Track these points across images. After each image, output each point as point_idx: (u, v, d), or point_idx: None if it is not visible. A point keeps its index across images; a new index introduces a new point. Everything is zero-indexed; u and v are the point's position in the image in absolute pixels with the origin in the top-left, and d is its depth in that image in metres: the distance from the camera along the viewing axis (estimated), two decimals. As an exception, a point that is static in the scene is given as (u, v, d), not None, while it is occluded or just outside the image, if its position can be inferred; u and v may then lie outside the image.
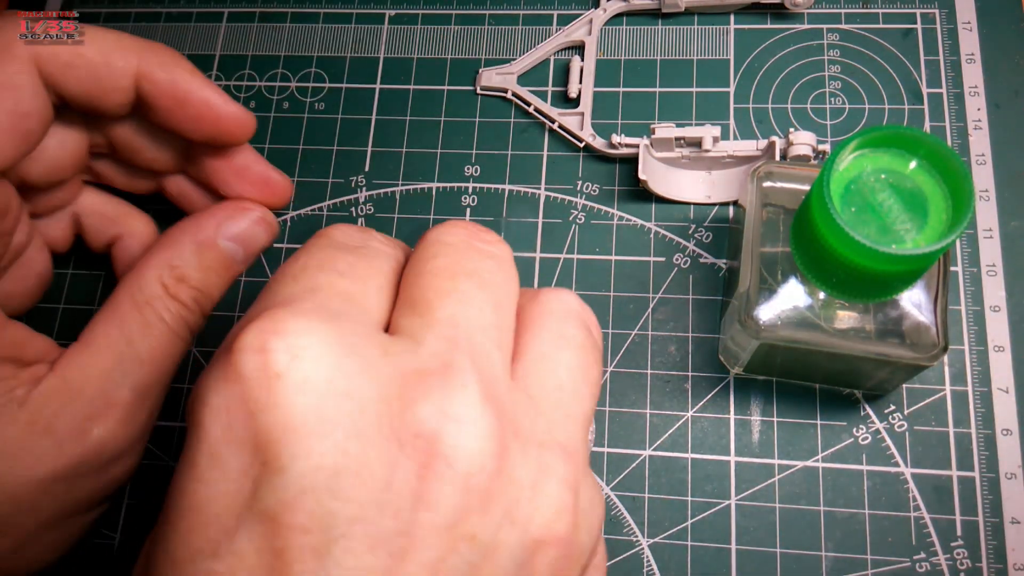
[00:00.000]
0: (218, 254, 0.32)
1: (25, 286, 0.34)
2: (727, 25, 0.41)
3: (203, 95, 0.30)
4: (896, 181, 0.26)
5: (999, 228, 0.36)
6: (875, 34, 0.40)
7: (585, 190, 0.39)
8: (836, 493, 0.33)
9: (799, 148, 0.35)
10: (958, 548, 0.32)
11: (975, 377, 0.34)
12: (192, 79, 0.30)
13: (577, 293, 0.37)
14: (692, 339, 0.36)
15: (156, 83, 0.30)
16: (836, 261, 0.26)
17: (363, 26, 0.44)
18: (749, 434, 0.35)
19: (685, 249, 0.38)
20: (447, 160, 0.40)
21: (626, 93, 0.41)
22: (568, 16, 0.43)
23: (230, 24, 0.45)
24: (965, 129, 0.38)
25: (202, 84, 0.31)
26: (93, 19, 0.46)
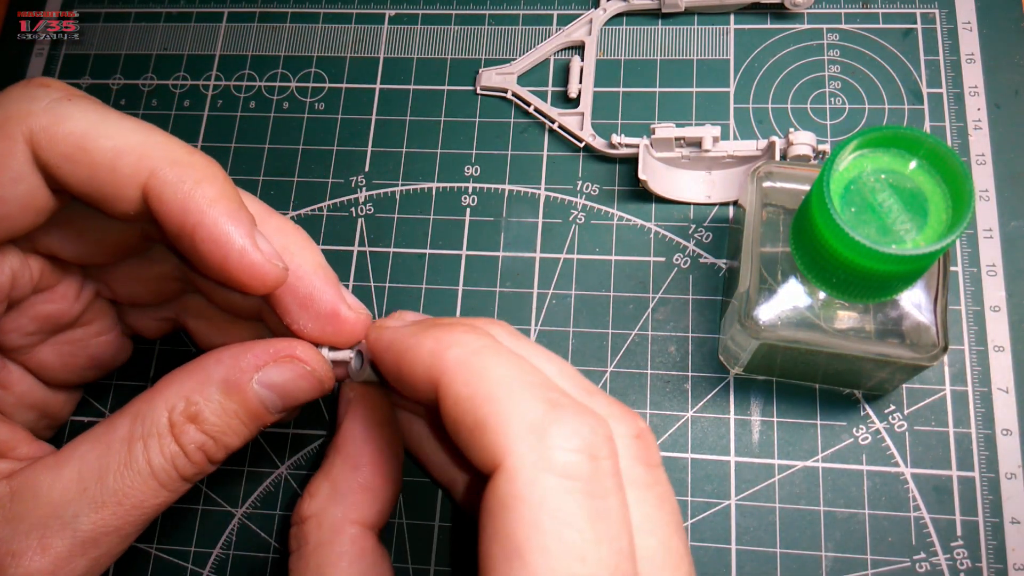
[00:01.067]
0: (247, 400, 0.26)
1: (70, 362, 0.31)
2: (727, 25, 0.41)
3: (214, 231, 0.24)
4: (896, 181, 0.26)
5: (999, 228, 0.36)
6: (875, 34, 0.40)
7: (585, 190, 0.39)
8: (836, 493, 0.33)
9: (799, 148, 0.35)
10: (958, 548, 0.32)
11: (975, 377, 0.34)
12: (210, 208, 0.24)
13: (577, 293, 0.37)
14: (692, 339, 0.36)
15: (163, 202, 0.24)
16: (836, 261, 0.26)
17: (363, 26, 0.44)
18: (749, 434, 0.35)
19: (685, 249, 0.38)
20: (447, 160, 0.40)
21: (626, 93, 0.41)
22: (568, 16, 0.43)
23: (230, 24, 0.45)
24: (965, 129, 0.38)
25: (221, 216, 0.24)
26: (93, 19, 0.46)
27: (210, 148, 0.42)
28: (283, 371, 0.26)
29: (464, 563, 0.34)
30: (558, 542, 0.18)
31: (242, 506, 0.35)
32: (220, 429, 0.26)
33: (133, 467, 0.25)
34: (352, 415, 0.26)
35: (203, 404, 0.26)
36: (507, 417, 0.19)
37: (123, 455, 0.25)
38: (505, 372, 0.20)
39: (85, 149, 0.24)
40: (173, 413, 0.25)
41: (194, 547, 0.35)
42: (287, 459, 0.36)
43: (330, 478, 0.25)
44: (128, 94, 0.44)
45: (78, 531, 0.24)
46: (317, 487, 0.25)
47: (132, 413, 0.26)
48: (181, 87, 0.44)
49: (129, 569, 0.35)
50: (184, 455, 0.26)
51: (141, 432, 0.25)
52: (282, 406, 0.27)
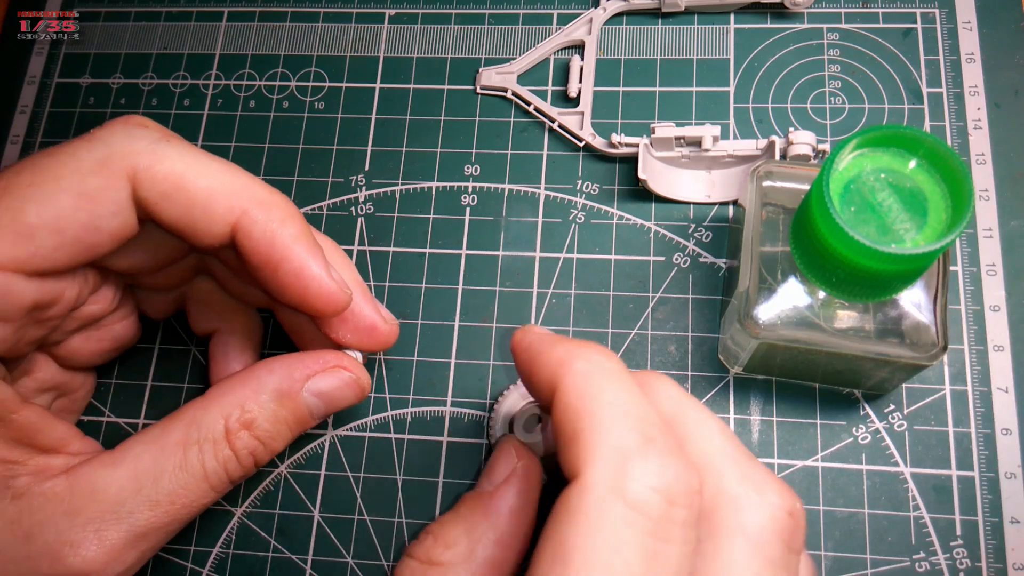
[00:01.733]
0: (297, 407, 0.29)
1: (96, 347, 0.32)
2: (727, 24, 0.41)
3: (297, 264, 0.27)
4: (896, 181, 0.26)
5: (999, 228, 0.36)
6: (875, 34, 0.40)
7: (585, 189, 0.39)
8: (836, 493, 0.33)
9: (799, 148, 0.35)
10: (958, 548, 0.32)
11: (975, 377, 0.34)
12: (293, 244, 0.27)
13: (577, 293, 0.37)
14: (692, 339, 0.36)
15: (252, 239, 0.27)
16: (836, 260, 0.26)
17: (363, 26, 0.44)
18: (749, 434, 0.35)
19: (685, 249, 0.38)
20: (447, 159, 0.40)
21: (626, 92, 0.41)
22: (568, 15, 0.43)
23: (230, 24, 0.45)
24: (965, 129, 0.38)
25: (303, 252, 0.27)
26: (93, 18, 0.46)
27: (210, 147, 0.42)
28: (331, 380, 0.29)
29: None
30: (604, 565, 0.18)
31: (242, 505, 0.36)
32: (271, 435, 0.28)
33: (188, 470, 0.27)
34: (513, 486, 0.26)
35: (257, 412, 0.28)
36: (599, 437, 0.20)
37: (178, 458, 0.27)
38: (616, 397, 0.21)
39: (183, 188, 0.26)
40: (229, 420, 0.27)
41: (194, 546, 0.35)
42: (287, 458, 0.36)
43: (472, 537, 0.24)
44: (128, 93, 0.44)
45: (133, 527, 0.26)
46: (455, 538, 0.24)
47: (187, 419, 0.28)
48: (181, 86, 0.44)
49: (129, 568, 0.35)
50: (236, 459, 0.28)
51: (197, 437, 0.27)
52: (325, 412, 0.30)
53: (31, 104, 0.44)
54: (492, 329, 0.37)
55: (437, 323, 0.37)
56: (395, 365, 0.37)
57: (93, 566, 0.25)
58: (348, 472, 0.35)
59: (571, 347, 0.23)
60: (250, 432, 0.28)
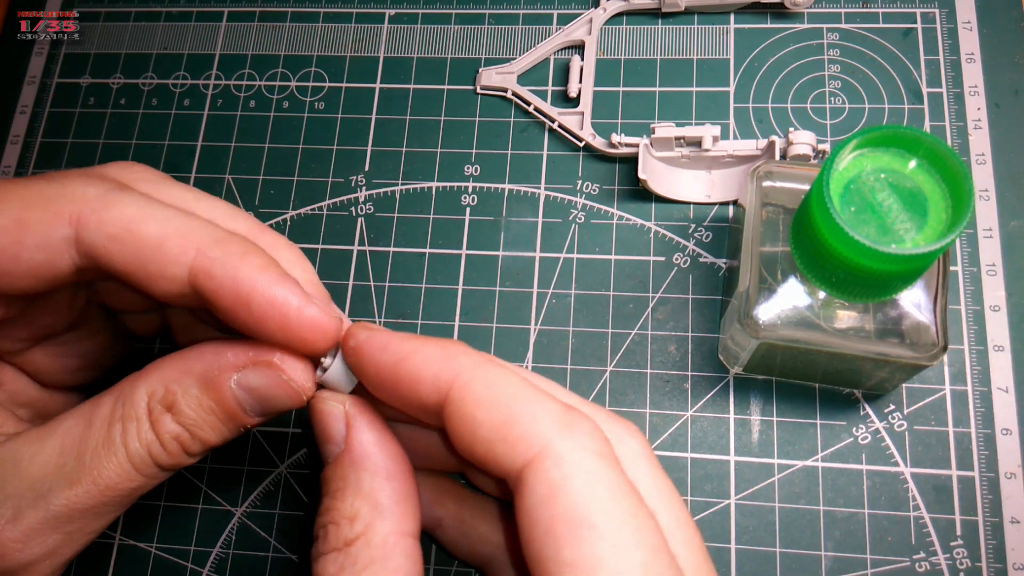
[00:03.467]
0: (223, 399, 0.26)
1: (63, 364, 0.31)
2: (727, 25, 0.41)
3: (271, 295, 0.24)
4: (896, 181, 0.26)
5: (999, 228, 0.36)
6: (875, 34, 0.40)
7: (585, 189, 0.39)
8: (836, 493, 0.33)
9: (799, 147, 0.35)
10: (958, 548, 0.32)
11: (975, 377, 0.34)
12: (260, 275, 0.24)
13: (577, 293, 0.37)
14: (692, 339, 0.36)
15: (213, 278, 0.24)
16: (836, 260, 0.26)
17: (363, 26, 0.44)
18: (749, 434, 0.35)
19: (685, 249, 0.38)
20: (447, 159, 0.40)
21: (626, 92, 0.41)
22: (568, 16, 0.43)
23: (230, 24, 0.45)
24: (965, 129, 0.38)
25: (274, 282, 0.24)
26: (93, 18, 0.46)
27: (210, 147, 0.42)
28: (261, 376, 0.26)
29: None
30: (615, 506, 0.20)
31: (242, 505, 0.36)
32: (195, 423, 0.26)
33: (110, 448, 0.25)
34: (359, 427, 0.25)
35: (180, 395, 0.26)
36: (538, 413, 0.21)
37: (102, 434, 0.25)
38: (518, 379, 0.22)
39: (132, 232, 0.25)
40: (152, 399, 0.25)
41: (194, 546, 0.35)
42: (287, 459, 0.36)
43: (362, 495, 0.24)
44: (128, 93, 0.44)
45: (51, 506, 0.24)
46: (354, 508, 0.24)
47: (116, 393, 0.26)
48: (181, 86, 0.44)
49: (129, 568, 0.35)
50: (160, 444, 0.26)
51: (121, 414, 0.25)
52: (260, 410, 0.27)
53: (31, 104, 0.44)
54: (492, 329, 0.37)
55: (437, 323, 0.37)
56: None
57: (6, 546, 0.24)
58: (348, 472, 0.35)
59: (444, 344, 0.23)
60: (173, 417, 0.26)
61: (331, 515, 0.24)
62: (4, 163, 0.43)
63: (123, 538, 0.36)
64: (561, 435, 0.20)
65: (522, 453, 0.21)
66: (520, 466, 0.20)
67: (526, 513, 0.20)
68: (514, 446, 0.21)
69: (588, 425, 0.21)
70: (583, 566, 0.19)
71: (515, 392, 0.21)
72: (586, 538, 0.19)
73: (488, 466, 0.21)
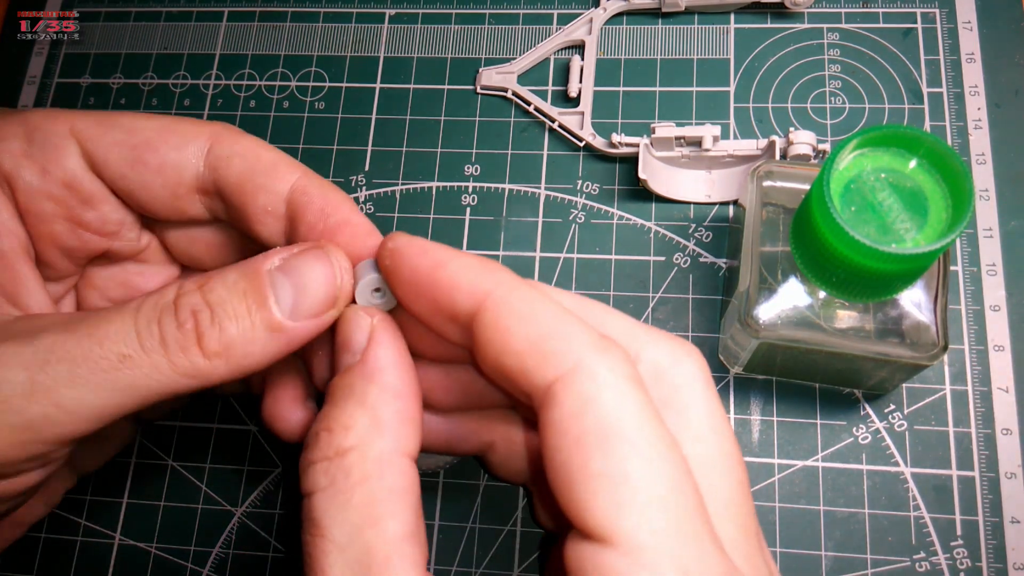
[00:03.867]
0: (258, 279, 0.24)
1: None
2: (727, 24, 0.41)
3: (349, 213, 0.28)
4: (896, 180, 0.26)
5: (999, 228, 0.36)
6: (875, 34, 0.40)
7: (585, 189, 0.39)
8: (836, 493, 0.33)
9: (799, 147, 0.35)
10: (958, 548, 0.32)
11: (975, 377, 0.34)
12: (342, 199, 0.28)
13: (577, 292, 0.37)
14: (692, 338, 0.36)
15: (308, 195, 0.28)
16: (836, 260, 0.26)
17: (363, 26, 0.44)
18: (749, 433, 0.34)
19: (685, 248, 0.37)
20: (447, 159, 0.40)
21: (626, 92, 0.41)
22: (568, 15, 0.43)
23: (230, 24, 0.45)
24: (965, 128, 0.38)
25: (351, 206, 0.27)
26: (93, 18, 0.46)
27: (210, 147, 0.42)
28: (302, 259, 0.25)
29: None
30: (647, 424, 0.20)
31: (242, 505, 0.35)
32: (222, 300, 0.24)
33: (121, 312, 0.24)
34: (380, 341, 0.24)
35: (216, 279, 0.25)
36: (573, 331, 0.21)
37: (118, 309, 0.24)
38: (555, 302, 0.22)
39: (255, 152, 0.28)
40: (185, 286, 0.25)
41: (194, 546, 0.35)
42: (287, 458, 0.36)
43: (366, 407, 0.23)
44: (128, 93, 0.44)
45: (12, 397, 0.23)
46: (352, 418, 0.23)
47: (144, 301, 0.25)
48: (181, 86, 0.44)
49: (129, 568, 0.35)
50: (174, 312, 0.24)
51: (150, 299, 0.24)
52: (292, 303, 0.24)
53: (31, 104, 0.44)
54: (492, 329, 0.37)
55: (437, 323, 0.37)
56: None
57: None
58: (348, 472, 0.35)
59: (483, 259, 0.22)
60: (201, 293, 0.24)
61: (326, 422, 0.23)
62: (4, 163, 0.43)
63: (123, 538, 0.36)
64: (596, 354, 0.20)
65: (554, 367, 0.20)
66: (551, 380, 0.20)
67: (554, 426, 0.20)
68: (547, 359, 0.20)
69: (621, 352, 0.21)
70: (612, 477, 0.19)
71: (553, 311, 0.21)
72: (617, 450, 0.19)
73: (517, 380, 0.21)
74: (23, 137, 0.28)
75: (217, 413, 0.37)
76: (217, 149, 0.28)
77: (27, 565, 0.35)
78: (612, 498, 0.19)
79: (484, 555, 0.34)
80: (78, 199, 0.28)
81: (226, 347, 0.24)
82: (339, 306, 0.25)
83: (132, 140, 0.28)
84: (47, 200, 0.28)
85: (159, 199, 0.28)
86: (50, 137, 0.28)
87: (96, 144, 0.28)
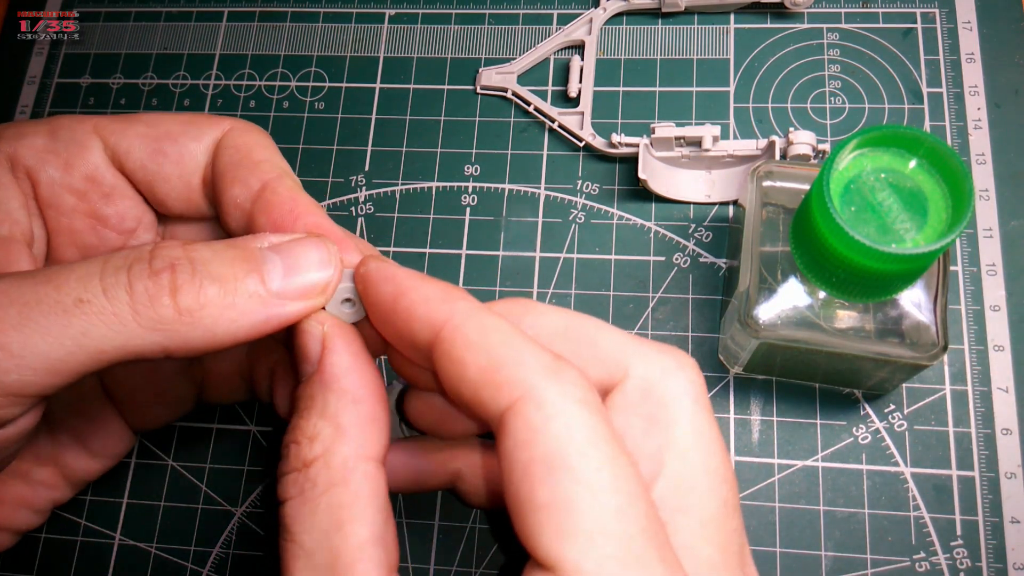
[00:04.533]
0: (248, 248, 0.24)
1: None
2: (727, 25, 0.41)
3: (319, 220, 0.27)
4: (896, 180, 0.26)
5: (999, 228, 0.36)
6: (875, 34, 0.40)
7: (585, 189, 0.39)
8: (836, 493, 0.33)
9: (799, 147, 0.35)
10: (958, 548, 0.32)
11: (975, 377, 0.34)
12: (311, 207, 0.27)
13: (577, 293, 0.37)
14: (692, 338, 0.36)
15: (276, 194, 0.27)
16: (836, 260, 0.26)
17: (363, 26, 0.44)
18: (749, 433, 0.35)
19: (685, 248, 0.38)
20: (447, 159, 0.40)
21: (626, 92, 0.41)
22: (568, 15, 0.43)
23: (230, 24, 0.45)
24: (965, 128, 0.38)
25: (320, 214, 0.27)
26: (93, 18, 0.46)
27: (210, 147, 0.42)
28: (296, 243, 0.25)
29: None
30: (594, 451, 0.20)
31: (242, 505, 0.36)
32: (206, 260, 0.23)
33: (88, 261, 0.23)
34: (334, 348, 0.24)
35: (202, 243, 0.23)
36: (524, 358, 0.21)
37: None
38: (511, 326, 0.22)
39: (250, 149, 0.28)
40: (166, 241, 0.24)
41: (194, 546, 0.35)
42: (287, 458, 0.36)
43: (327, 416, 0.23)
44: (128, 93, 0.44)
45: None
46: (315, 428, 0.23)
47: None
48: (181, 86, 0.44)
49: (129, 568, 0.35)
50: (148, 261, 0.22)
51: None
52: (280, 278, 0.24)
53: (31, 104, 0.44)
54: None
55: (437, 323, 0.37)
56: (395, 365, 0.37)
57: None
58: (348, 472, 0.35)
59: (446, 286, 0.22)
60: (184, 248, 0.23)
61: (294, 434, 0.23)
62: (4, 163, 0.43)
63: (123, 538, 0.36)
64: (546, 380, 0.20)
65: (506, 396, 0.20)
66: (503, 408, 0.20)
67: (506, 456, 0.20)
68: (499, 389, 0.21)
69: (574, 373, 0.21)
70: (557, 507, 0.19)
71: (505, 338, 0.21)
72: (561, 480, 0.19)
73: (474, 409, 0.21)
74: (47, 134, 0.28)
75: (217, 413, 0.37)
76: (224, 140, 0.28)
77: (27, 565, 0.35)
78: (557, 528, 0.19)
79: (484, 555, 0.34)
80: (99, 193, 0.28)
81: (201, 306, 0.22)
82: (327, 294, 0.25)
83: (154, 132, 0.28)
84: (69, 193, 0.28)
85: (175, 191, 0.28)
86: (74, 133, 0.28)
87: (119, 137, 0.28)
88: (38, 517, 0.31)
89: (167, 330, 0.22)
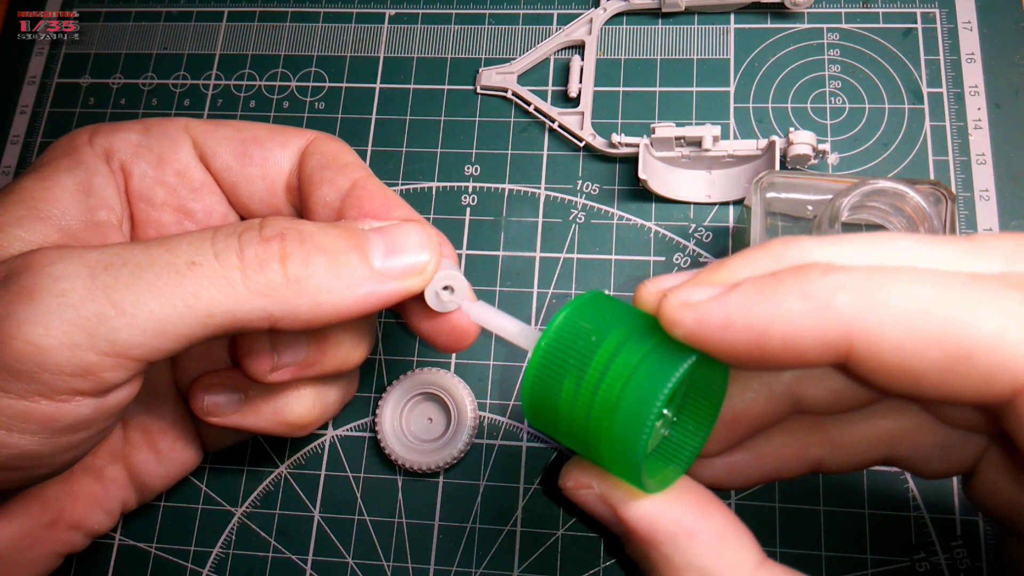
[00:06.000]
0: (352, 228, 0.25)
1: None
2: (727, 25, 0.41)
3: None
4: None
5: (999, 228, 0.36)
6: (875, 34, 0.40)
7: (585, 189, 0.39)
8: (836, 493, 0.33)
9: (799, 147, 0.35)
10: (958, 548, 0.32)
11: (975, 377, 0.34)
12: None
13: (577, 293, 0.37)
14: (692, 339, 0.36)
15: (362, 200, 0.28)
16: None
17: (363, 26, 0.44)
18: (749, 434, 0.34)
19: (685, 249, 0.38)
20: (447, 159, 0.40)
21: (626, 92, 0.41)
22: (568, 15, 0.43)
23: (230, 24, 0.45)
24: (965, 129, 0.38)
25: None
26: (93, 18, 0.46)
27: (210, 147, 0.42)
28: (397, 227, 0.25)
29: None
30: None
31: (242, 505, 0.36)
32: (313, 233, 0.24)
33: (200, 230, 0.23)
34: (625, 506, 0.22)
35: (307, 221, 0.25)
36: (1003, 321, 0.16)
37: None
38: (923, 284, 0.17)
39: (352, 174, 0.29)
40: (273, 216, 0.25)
41: (194, 546, 0.35)
42: (287, 459, 0.36)
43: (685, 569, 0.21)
44: (128, 93, 0.44)
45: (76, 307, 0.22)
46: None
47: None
48: (181, 86, 0.44)
49: (129, 568, 0.35)
50: (259, 229, 0.23)
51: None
52: (383, 257, 0.24)
53: (31, 104, 0.44)
54: (492, 329, 0.37)
55: (437, 323, 0.37)
56: (396, 365, 0.37)
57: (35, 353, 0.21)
58: (348, 472, 0.35)
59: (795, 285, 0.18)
60: (292, 221, 0.24)
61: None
62: (4, 163, 0.43)
63: (123, 538, 0.36)
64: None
65: (1010, 381, 0.16)
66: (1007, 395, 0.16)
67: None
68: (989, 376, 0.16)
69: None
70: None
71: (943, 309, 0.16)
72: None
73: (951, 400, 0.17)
74: (141, 130, 0.29)
75: (217, 413, 0.37)
76: (310, 147, 0.29)
77: (27, 565, 0.35)
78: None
79: (484, 555, 0.34)
80: (188, 188, 0.29)
81: (309, 275, 0.23)
82: (426, 274, 0.25)
83: (241, 135, 0.29)
84: (159, 187, 0.29)
85: (257, 194, 0.29)
86: (167, 131, 0.29)
87: (208, 137, 0.29)
88: (108, 520, 0.31)
89: (274, 296, 0.23)
